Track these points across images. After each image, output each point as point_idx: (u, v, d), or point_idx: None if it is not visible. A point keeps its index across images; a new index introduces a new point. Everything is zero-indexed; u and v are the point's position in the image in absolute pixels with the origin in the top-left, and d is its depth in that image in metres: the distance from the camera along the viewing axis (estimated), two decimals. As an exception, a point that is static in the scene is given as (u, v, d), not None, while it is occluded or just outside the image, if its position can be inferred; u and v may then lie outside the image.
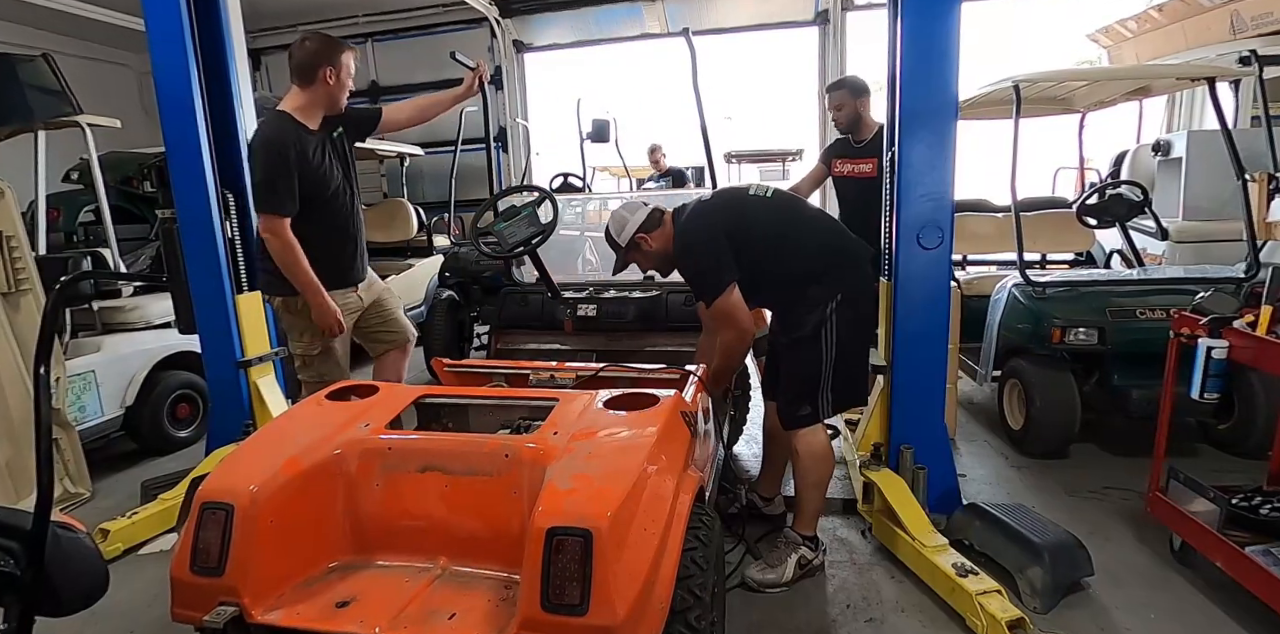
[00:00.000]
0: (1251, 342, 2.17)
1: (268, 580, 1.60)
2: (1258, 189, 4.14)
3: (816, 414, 2.41)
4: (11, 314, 3.22)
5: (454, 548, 1.74)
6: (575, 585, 1.35)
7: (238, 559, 1.55)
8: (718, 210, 2.51)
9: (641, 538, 1.49)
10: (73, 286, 1.50)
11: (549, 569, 1.37)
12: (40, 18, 6.81)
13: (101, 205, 4.15)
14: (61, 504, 3.30)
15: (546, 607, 1.36)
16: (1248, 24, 5.06)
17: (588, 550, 1.37)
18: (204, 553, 1.57)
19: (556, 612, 1.35)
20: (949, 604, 2.26)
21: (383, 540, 1.78)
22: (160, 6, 2.84)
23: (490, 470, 1.74)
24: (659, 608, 1.47)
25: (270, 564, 1.60)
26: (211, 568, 1.55)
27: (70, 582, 1.12)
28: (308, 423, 1.99)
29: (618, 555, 1.40)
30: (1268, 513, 2.21)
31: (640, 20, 8.32)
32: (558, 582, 1.36)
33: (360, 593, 1.63)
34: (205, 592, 1.56)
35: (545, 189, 3.32)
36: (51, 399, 1.18)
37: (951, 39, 2.49)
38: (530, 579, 1.39)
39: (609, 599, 1.35)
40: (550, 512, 1.44)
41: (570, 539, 1.38)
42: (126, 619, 2.37)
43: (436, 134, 8.68)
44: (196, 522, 1.60)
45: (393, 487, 1.79)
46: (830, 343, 2.37)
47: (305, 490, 1.71)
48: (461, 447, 1.82)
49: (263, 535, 1.59)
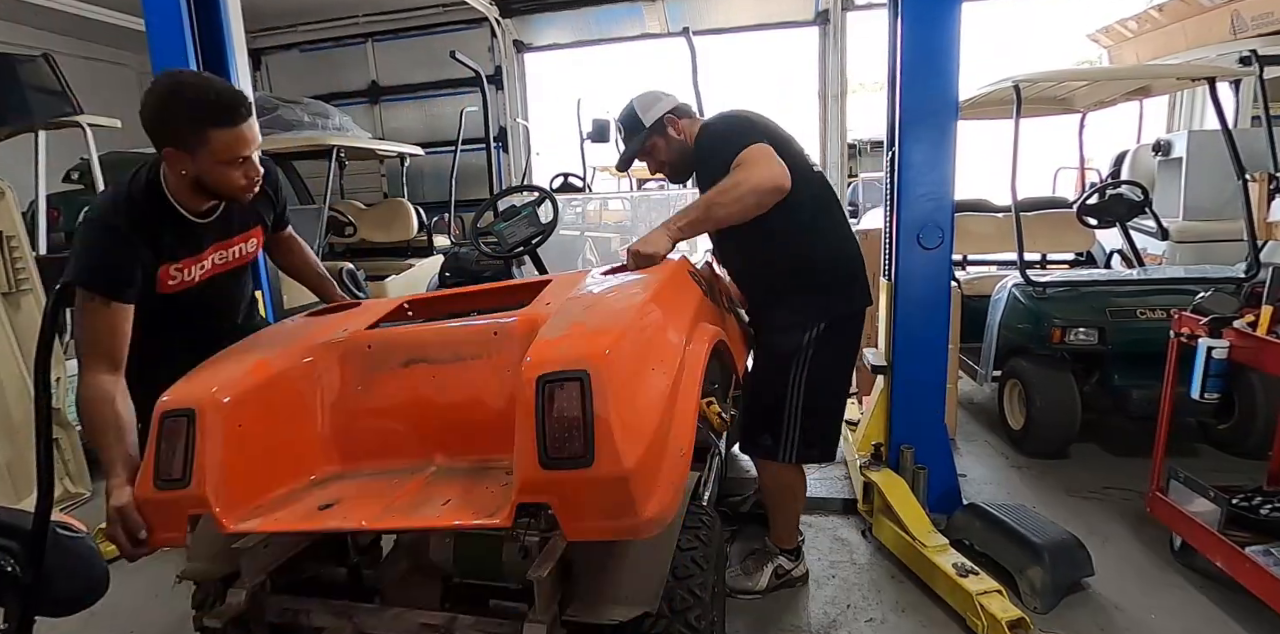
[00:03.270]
0: (1252, 342, 2.17)
1: (240, 490, 1.45)
2: (1258, 189, 4.15)
3: (777, 449, 2.17)
4: (12, 314, 3.22)
5: (448, 443, 1.58)
6: (576, 435, 1.18)
7: (204, 466, 1.40)
8: (762, 121, 2.15)
9: (650, 378, 1.34)
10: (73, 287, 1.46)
11: (544, 421, 1.19)
12: (40, 18, 6.81)
13: (101, 205, 4.15)
14: (61, 504, 3.30)
15: (546, 463, 1.18)
16: (1248, 24, 5.06)
17: (585, 394, 1.19)
18: (166, 465, 1.42)
19: (559, 467, 1.18)
20: (949, 604, 2.26)
21: (370, 447, 1.61)
22: (160, 6, 2.84)
23: (479, 352, 1.57)
24: (678, 456, 1.32)
25: (241, 473, 1.45)
26: (176, 479, 1.41)
27: (70, 582, 1.12)
28: (283, 334, 1.82)
29: (622, 397, 1.22)
30: (1268, 513, 2.21)
31: (640, 20, 8.33)
32: (556, 434, 1.19)
33: (345, 496, 1.49)
34: (173, 506, 1.42)
35: (545, 189, 3.31)
36: (51, 399, 1.18)
37: (951, 39, 2.49)
38: (525, 437, 1.21)
39: (616, 446, 1.17)
40: (540, 361, 1.25)
41: (565, 384, 1.20)
42: (126, 619, 2.37)
43: (437, 134, 8.73)
44: (157, 433, 1.45)
45: (376, 387, 1.61)
46: (800, 375, 2.10)
47: (278, 396, 1.55)
48: (446, 333, 1.64)
49: (230, 441, 1.44)
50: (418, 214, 6.40)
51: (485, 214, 3.41)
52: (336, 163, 5.37)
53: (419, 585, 1.76)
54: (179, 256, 1.82)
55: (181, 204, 1.79)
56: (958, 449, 3.58)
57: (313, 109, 6.81)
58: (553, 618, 1.43)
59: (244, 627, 1.55)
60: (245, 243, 2.00)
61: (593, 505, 1.19)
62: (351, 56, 9.21)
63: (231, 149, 1.66)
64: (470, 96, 7.59)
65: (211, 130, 1.62)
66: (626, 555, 1.47)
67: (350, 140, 6.06)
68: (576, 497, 1.19)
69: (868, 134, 10.01)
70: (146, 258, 1.75)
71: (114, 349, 1.69)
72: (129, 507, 1.48)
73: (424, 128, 9.07)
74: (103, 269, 1.69)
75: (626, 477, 1.17)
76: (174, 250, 1.81)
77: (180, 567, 1.71)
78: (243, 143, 1.67)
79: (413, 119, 9.25)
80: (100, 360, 1.68)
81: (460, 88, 8.53)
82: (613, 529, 1.21)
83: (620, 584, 1.48)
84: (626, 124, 2.25)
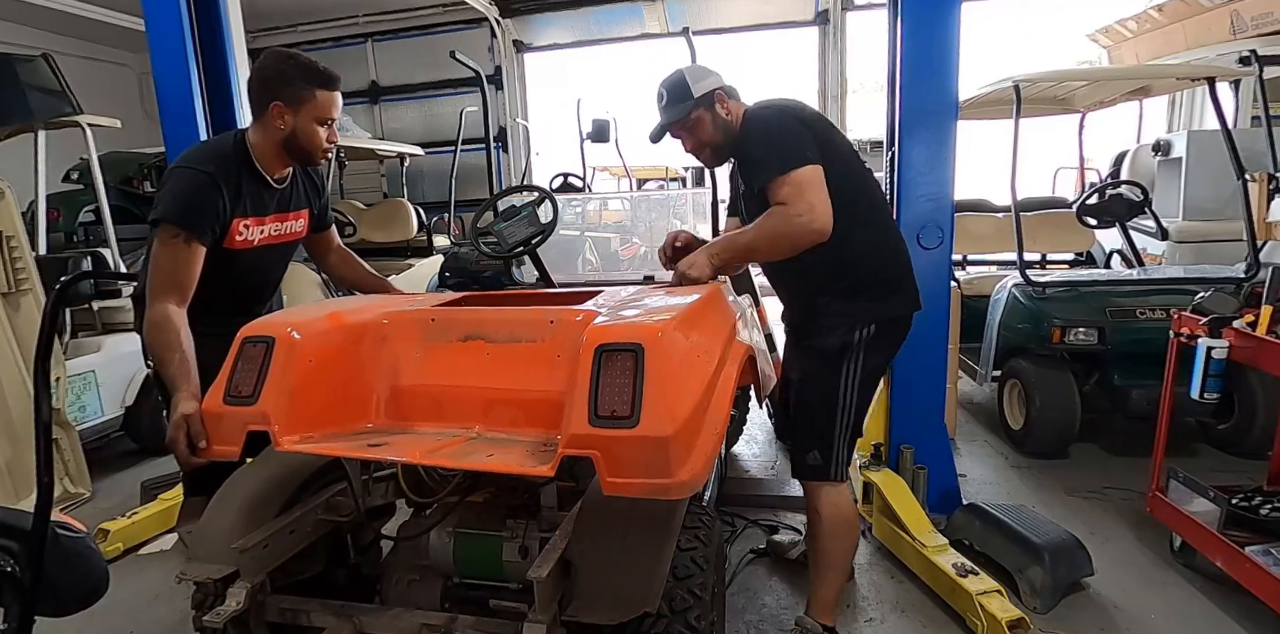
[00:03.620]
0: (1251, 342, 2.17)
1: (299, 417, 1.55)
2: (1258, 189, 4.15)
3: (828, 467, 2.01)
4: (11, 314, 3.22)
5: (492, 414, 1.66)
6: (625, 397, 1.30)
7: (272, 388, 1.52)
8: (810, 115, 2.02)
9: (695, 363, 1.47)
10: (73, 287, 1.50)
11: (598, 383, 1.32)
12: (40, 18, 6.82)
13: (101, 205, 4.16)
14: (61, 504, 3.30)
15: (595, 421, 1.30)
16: (1248, 24, 5.06)
17: (639, 364, 1.32)
18: (239, 383, 1.54)
19: (605, 425, 1.29)
20: (949, 604, 2.26)
21: (420, 409, 1.72)
22: (160, 6, 2.84)
23: (534, 337, 1.68)
24: (713, 433, 1.43)
25: (304, 403, 1.56)
26: (245, 397, 1.52)
27: (70, 582, 1.12)
28: (358, 300, 2.06)
29: (669, 372, 1.35)
30: (1268, 513, 2.21)
31: (640, 20, 8.33)
32: (607, 395, 1.31)
33: (392, 441, 1.59)
34: (236, 420, 1.53)
35: (545, 189, 3.31)
36: (51, 399, 1.18)
37: (951, 39, 2.49)
38: (579, 398, 1.32)
39: (660, 412, 1.29)
40: (599, 335, 1.39)
41: (620, 354, 1.34)
42: (126, 619, 2.37)
43: (437, 134, 8.74)
44: (236, 355, 1.57)
45: (433, 355, 1.73)
46: (853, 378, 1.98)
47: (348, 346, 1.69)
48: (506, 315, 1.75)
49: (299, 372, 1.56)
50: (417, 214, 6.40)
51: (485, 214, 3.41)
52: (336, 163, 5.37)
53: (419, 585, 1.76)
54: (249, 213, 2.03)
55: (263, 164, 2.03)
56: (958, 449, 3.58)
57: (313, 109, 6.79)
58: (552, 618, 1.43)
59: (244, 627, 1.56)
60: (296, 221, 2.20)
61: (633, 462, 1.29)
62: (351, 56, 9.21)
63: (327, 109, 1.99)
64: (470, 96, 7.60)
65: (319, 89, 1.96)
66: (626, 555, 1.47)
67: (350, 140, 6.06)
68: (619, 452, 1.28)
69: (868, 134, 10.00)
70: (226, 206, 1.95)
71: (185, 284, 1.88)
72: (195, 415, 1.57)
73: (424, 128, 9.08)
74: (192, 210, 1.89)
75: (666, 440, 1.27)
76: (248, 206, 2.02)
77: (180, 567, 1.70)
78: (336, 107, 2.01)
79: (413, 119, 9.25)
80: (171, 292, 1.86)
81: (460, 88, 8.54)
82: (648, 487, 1.29)
83: (620, 584, 1.48)
84: (672, 92, 2.04)
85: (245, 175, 2.00)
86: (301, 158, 2.06)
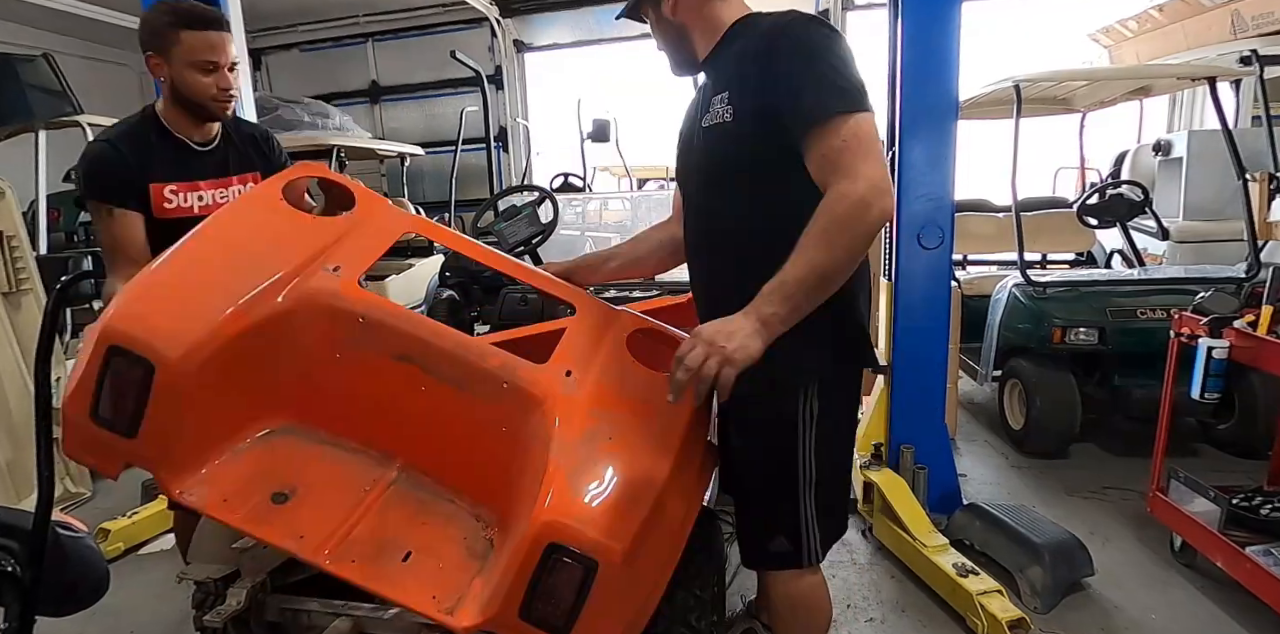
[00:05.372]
0: (1252, 342, 2.17)
1: (190, 450, 1.29)
2: (1258, 189, 4.15)
3: (800, 553, 1.48)
4: (12, 314, 3.22)
5: (416, 454, 1.42)
6: (561, 611, 1.17)
7: (157, 428, 1.22)
8: None
9: (646, 571, 1.29)
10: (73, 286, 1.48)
11: (536, 586, 1.17)
12: (41, 18, 6.81)
13: (102, 205, 4.15)
14: (62, 504, 3.30)
15: (527, 615, 1.17)
16: (1248, 24, 5.06)
17: (587, 583, 1.16)
18: (109, 405, 1.23)
19: (535, 625, 1.18)
20: (949, 604, 2.26)
21: (331, 414, 1.42)
22: (160, 6, 2.83)
23: (482, 392, 1.38)
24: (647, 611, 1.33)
25: (194, 432, 1.29)
26: (120, 428, 1.23)
27: (70, 582, 1.12)
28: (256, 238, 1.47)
29: (618, 596, 1.21)
30: (1268, 513, 2.21)
31: (641, 20, 8.32)
32: (543, 601, 1.17)
33: (300, 482, 1.33)
34: (109, 448, 1.25)
35: (545, 189, 3.31)
36: (52, 399, 1.17)
37: (951, 39, 2.49)
38: (512, 583, 1.17)
39: (594, 631, 1.19)
40: (554, 522, 1.16)
41: (572, 565, 1.16)
42: (126, 619, 2.37)
43: (437, 134, 8.73)
44: (102, 362, 1.22)
45: (356, 365, 1.40)
46: (808, 449, 1.44)
47: (247, 350, 1.32)
48: (456, 348, 1.39)
49: (189, 403, 1.25)
50: (418, 214, 6.40)
51: (485, 214, 3.41)
52: (337, 163, 5.37)
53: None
54: (170, 178, 1.92)
55: (173, 127, 1.93)
56: (958, 449, 3.58)
57: (313, 109, 6.81)
58: (552, 618, 1.42)
59: (244, 626, 1.55)
60: (244, 186, 2.07)
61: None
62: (351, 56, 9.21)
63: (199, 52, 1.82)
64: (470, 96, 7.59)
65: (183, 31, 1.81)
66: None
67: (350, 140, 6.07)
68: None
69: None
70: (135, 169, 1.86)
71: (132, 254, 1.83)
72: None
73: (424, 128, 9.07)
74: (96, 178, 1.85)
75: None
76: (166, 170, 1.91)
77: (180, 567, 1.70)
78: (210, 48, 1.83)
79: (413, 119, 9.25)
80: (124, 265, 1.81)
81: (460, 88, 8.53)
82: None
83: (620, 585, 1.47)
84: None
85: (156, 139, 1.91)
86: (195, 110, 1.90)
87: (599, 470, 1.26)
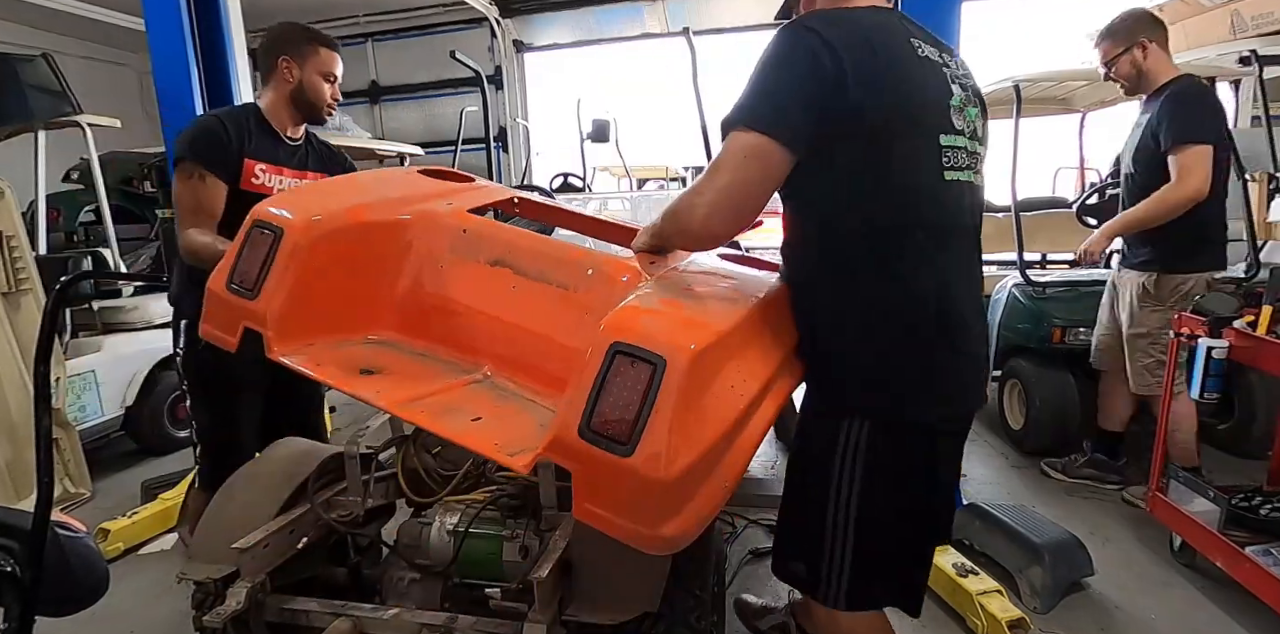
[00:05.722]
0: (1251, 342, 2.17)
1: (299, 322, 1.45)
2: (1258, 189, 4.14)
3: (817, 584, 1.38)
4: (12, 314, 3.22)
5: (504, 358, 1.49)
6: (627, 418, 1.05)
7: (273, 286, 1.41)
8: None
9: (726, 395, 1.15)
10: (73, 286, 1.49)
11: (600, 390, 1.07)
12: (40, 18, 6.81)
13: (102, 205, 4.15)
14: (61, 504, 3.30)
15: (585, 432, 1.07)
16: (1248, 24, 5.06)
17: (654, 382, 1.05)
18: (243, 271, 1.45)
19: (595, 442, 1.06)
20: (949, 604, 2.26)
21: (431, 326, 1.57)
22: (160, 6, 2.84)
23: (566, 283, 1.47)
24: (720, 487, 1.14)
25: (306, 305, 1.45)
26: (246, 288, 1.44)
27: (70, 582, 1.12)
28: (390, 183, 1.87)
29: (690, 401, 1.07)
30: (1268, 513, 2.21)
31: (640, 20, 8.32)
32: (606, 408, 1.06)
33: (389, 367, 1.47)
34: (234, 312, 1.45)
35: (545, 189, 3.31)
36: (52, 399, 1.18)
37: (952, 39, 2.49)
38: (577, 393, 1.09)
39: (661, 448, 1.03)
40: (621, 325, 1.10)
41: (637, 363, 1.06)
42: (126, 619, 2.37)
43: (437, 134, 8.73)
44: (244, 238, 1.48)
45: (456, 272, 1.57)
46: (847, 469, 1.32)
47: (364, 244, 1.54)
48: (543, 247, 1.55)
49: (305, 271, 1.44)
50: (418, 214, 6.38)
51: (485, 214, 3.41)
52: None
53: (419, 585, 1.76)
54: (262, 157, 2.17)
55: (273, 119, 2.22)
56: (958, 449, 3.58)
57: (313, 109, 6.79)
58: (553, 618, 1.43)
59: (244, 626, 1.55)
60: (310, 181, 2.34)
61: (614, 495, 1.08)
62: (351, 56, 9.19)
63: (330, 65, 2.23)
64: (470, 96, 7.58)
65: (321, 47, 2.22)
66: (626, 555, 1.46)
67: (350, 140, 6.05)
68: (601, 478, 1.08)
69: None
70: (234, 143, 2.10)
71: (209, 213, 2.04)
72: None
73: (424, 128, 9.06)
74: (199, 143, 2.06)
75: (660, 484, 1.04)
76: (260, 152, 2.16)
77: (180, 567, 1.70)
78: (335, 64, 2.25)
79: (413, 119, 9.24)
80: (201, 223, 2.02)
81: (460, 88, 8.53)
82: (622, 530, 1.09)
83: (620, 584, 1.48)
84: None
85: (255, 124, 2.18)
86: (308, 110, 2.23)
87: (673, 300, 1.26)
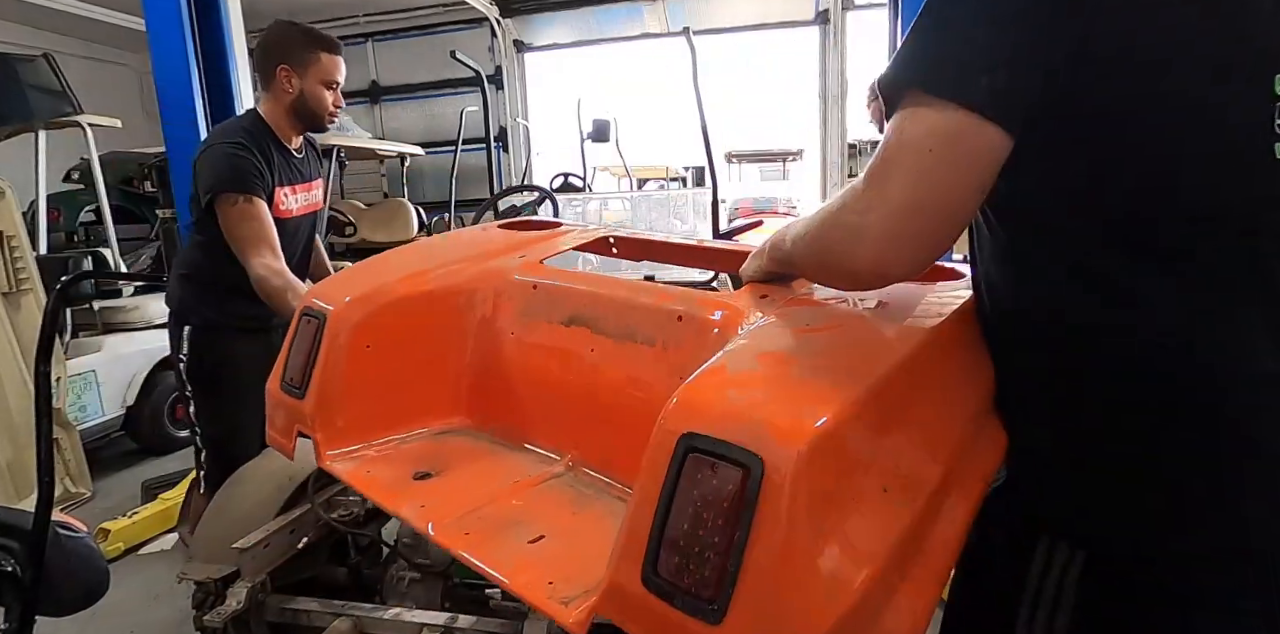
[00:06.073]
0: (1252, 341, 2.16)
1: (352, 419, 1.29)
2: (1258, 189, 4.14)
3: None
4: (12, 314, 3.22)
5: (585, 440, 1.23)
6: (711, 560, 0.67)
7: (318, 382, 1.25)
8: None
9: (877, 508, 0.73)
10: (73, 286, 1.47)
11: (669, 510, 0.70)
12: (41, 18, 6.82)
13: (102, 205, 4.16)
14: (62, 504, 3.30)
15: (650, 579, 0.71)
16: None
17: (749, 497, 0.66)
18: (293, 367, 1.31)
19: (666, 596, 0.69)
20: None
21: (504, 407, 1.36)
22: (160, 6, 2.85)
23: (654, 337, 1.15)
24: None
25: (358, 399, 1.28)
26: (295, 386, 1.29)
27: (71, 582, 1.12)
28: (459, 244, 1.64)
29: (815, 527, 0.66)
30: (1268, 513, 2.21)
31: (640, 20, 8.32)
32: (679, 540, 0.69)
33: (451, 465, 1.26)
34: (289, 415, 1.30)
35: (545, 189, 3.32)
36: (52, 399, 1.18)
37: None
38: (634, 520, 0.74)
39: (775, 612, 0.64)
40: (693, 404, 0.74)
41: (721, 465, 0.68)
42: (126, 619, 2.37)
43: (437, 134, 8.74)
44: (295, 329, 1.34)
45: (528, 336, 1.35)
46: None
47: (420, 317, 1.35)
48: (624, 293, 1.25)
49: (354, 357, 1.26)
50: (418, 214, 6.41)
51: (485, 214, 3.41)
52: (337, 163, 5.37)
53: (419, 585, 1.76)
54: (284, 181, 2.07)
55: (279, 132, 2.09)
56: (958, 449, 3.57)
57: (313, 109, 6.80)
58: (553, 618, 1.41)
59: (244, 626, 1.55)
60: (314, 191, 2.25)
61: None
62: (352, 56, 9.15)
63: (332, 71, 2.07)
64: (470, 96, 7.59)
65: (322, 52, 2.04)
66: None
67: (350, 140, 6.06)
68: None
69: (868, 134, 10.02)
70: (267, 171, 1.99)
71: (270, 241, 1.92)
72: None
73: (424, 128, 9.07)
74: (237, 171, 1.92)
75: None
76: (281, 174, 2.06)
77: (180, 567, 1.71)
78: (338, 70, 2.09)
79: (413, 119, 9.25)
80: (263, 248, 1.90)
81: (460, 88, 8.53)
82: None
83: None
84: None
85: (271, 145, 2.06)
86: (310, 121, 2.11)
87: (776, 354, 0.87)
